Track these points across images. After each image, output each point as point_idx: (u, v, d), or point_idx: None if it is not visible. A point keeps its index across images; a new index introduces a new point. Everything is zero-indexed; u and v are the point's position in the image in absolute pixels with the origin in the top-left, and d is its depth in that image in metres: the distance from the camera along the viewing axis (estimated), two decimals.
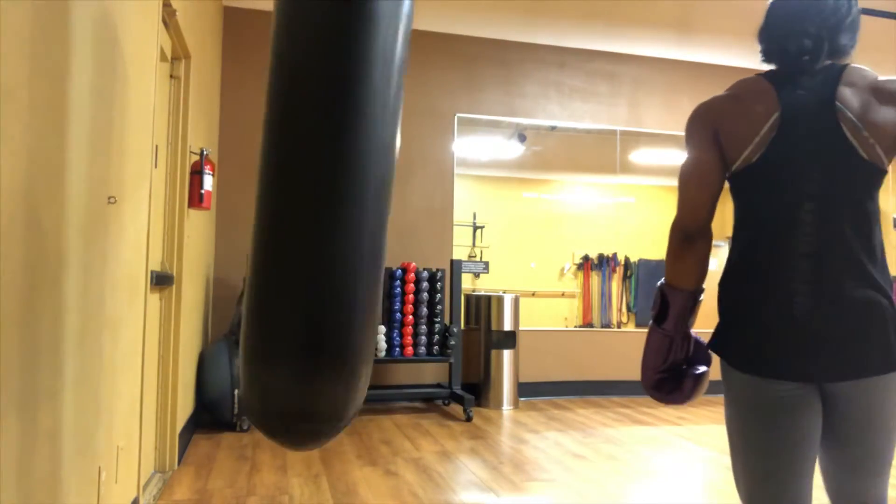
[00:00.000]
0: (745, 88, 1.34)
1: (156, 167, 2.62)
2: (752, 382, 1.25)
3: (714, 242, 1.40)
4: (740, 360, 1.27)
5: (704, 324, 1.46)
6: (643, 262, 7.78)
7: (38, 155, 1.32)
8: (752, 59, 6.83)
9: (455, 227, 5.53)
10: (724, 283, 1.34)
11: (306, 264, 1.27)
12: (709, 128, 1.32)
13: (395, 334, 4.68)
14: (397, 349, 4.67)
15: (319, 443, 1.35)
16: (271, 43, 1.35)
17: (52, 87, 1.38)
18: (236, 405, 3.99)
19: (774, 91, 1.29)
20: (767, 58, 1.37)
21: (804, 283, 1.20)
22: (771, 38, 1.35)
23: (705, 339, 1.39)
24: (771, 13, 1.38)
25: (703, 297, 1.37)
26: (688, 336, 1.37)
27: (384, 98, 1.32)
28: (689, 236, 1.32)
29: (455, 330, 4.75)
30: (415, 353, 4.71)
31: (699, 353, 1.37)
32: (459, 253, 5.73)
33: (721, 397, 4.77)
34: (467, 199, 6.67)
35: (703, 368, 1.36)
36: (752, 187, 1.29)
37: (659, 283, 1.37)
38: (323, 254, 1.27)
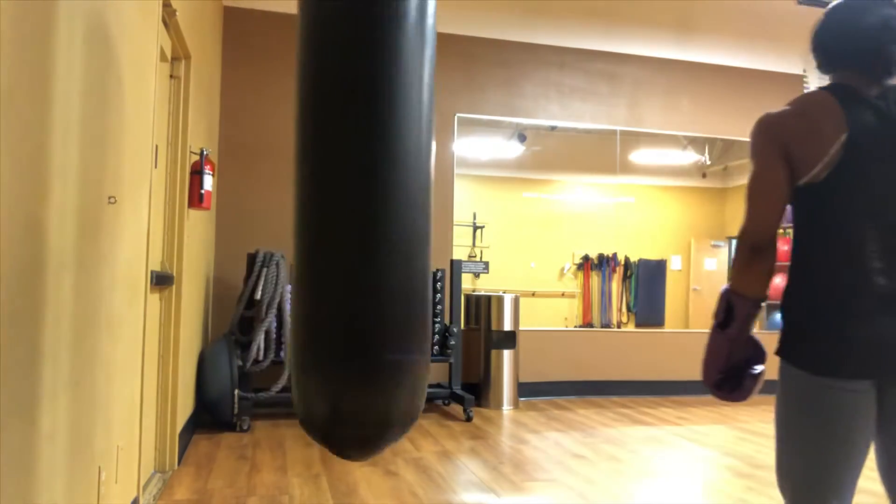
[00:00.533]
0: (810, 104, 1.35)
1: (156, 167, 2.62)
2: (824, 383, 1.29)
3: (713, 243, 1.43)
4: (815, 364, 1.30)
5: (703, 324, 1.50)
6: (643, 262, 7.78)
7: (38, 155, 1.32)
8: (752, 60, 6.85)
9: (455, 227, 5.53)
10: (793, 294, 1.38)
11: (346, 275, 1.30)
12: (778, 143, 1.33)
13: None
14: None
15: (368, 448, 1.36)
16: (299, 49, 1.36)
17: (52, 87, 1.38)
18: (236, 405, 3.99)
19: (841, 109, 1.29)
20: (832, 65, 1.39)
21: (878, 298, 1.27)
22: (845, 43, 1.35)
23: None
24: (840, 16, 1.37)
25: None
26: (750, 339, 1.44)
27: (418, 103, 1.34)
28: (757, 248, 1.37)
29: (455, 330, 4.75)
30: None
31: (758, 354, 1.44)
32: (459, 253, 5.73)
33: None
34: (467, 199, 6.67)
35: (760, 368, 1.43)
36: (819, 203, 1.34)
37: (723, 289, 1.42)
38: (363, 262, 1.29)
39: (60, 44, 1.42)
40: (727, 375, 1.42)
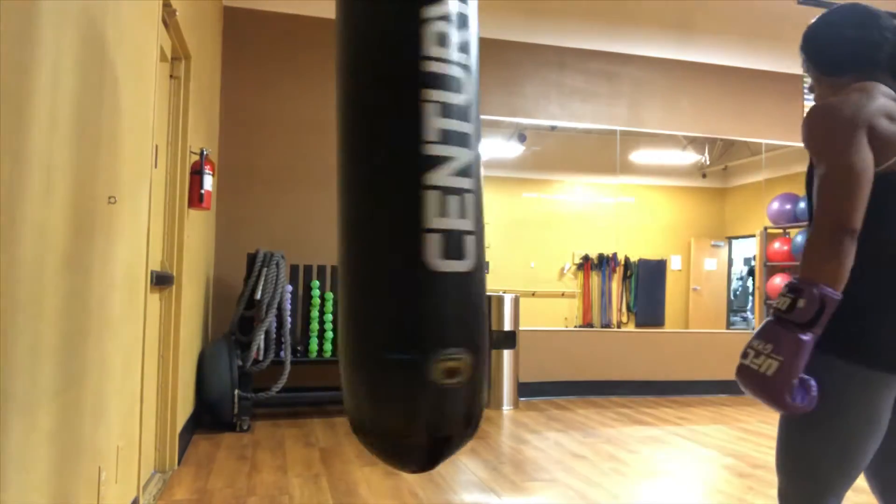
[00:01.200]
0: (877, 92, 1.33)
1: (156, 167, 2.62)
2: (873, 377, 1.28)
3: (713, 242, 1.39)
4: (876, 357, 1.28)
5: (703, 324, 1.45)
6: (643, 262, 7.78)
7: (38, 155, 1.32)
8: (752, 60, 6.84)
9: None
10: (858, 288, 1.28)
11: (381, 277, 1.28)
12: (863, 128, 1.27)
13: None
14: None
15: (415, 458, 1.30)
16: (338, 48, 1.35)
17: (52, 87, 1.38)
18: (236, 405, 3.99)
19: None
20: (843, 64, 1.40)
21: None
22: (855, 42, 1.38)
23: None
24: (842, 18, 1.40)
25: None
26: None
27: (469, 100, 1.32)
28: (855, 237, 1.25)
29: None
30: None
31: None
32: None
33: (721, 397, 4.72)
34: None
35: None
36: (893, 193, 1.30)
37: (814, 288, 1.24)
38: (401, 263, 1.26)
39: (60, 44, 1.42)
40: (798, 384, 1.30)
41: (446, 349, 1.23)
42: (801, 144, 1.35)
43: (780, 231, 7.68)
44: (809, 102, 6.93)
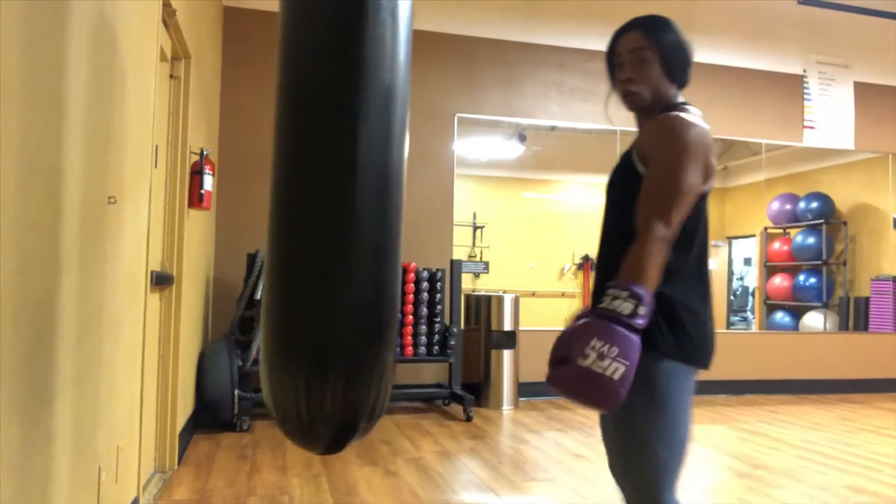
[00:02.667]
0: (700, 119, 1.44)
1: (156, 167, 2.62)
2: (689, 371, 1.41)
3: (713, 242, 1.44)
4: (692, 354, 1.40)
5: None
6: None
7: (38, 155, 1.32)
8: (752, 60, 6.85)
9: (455, 227, 5.53)
10: (674, 296, 1.41)
11: (314, 274, 1.31)
12: (706, 154, 1.38)
13: None
14: (397, 349, 4.67)
15: (337, 445, 1.37)
16: (278, 48, 1.40)
17: (52, 87, 1.39)
18: (236, 405, 3.99)
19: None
20: (684, 80, 1.54)
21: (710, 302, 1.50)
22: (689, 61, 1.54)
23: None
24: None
25: None
26: None
27: (391, 100, 1.35)
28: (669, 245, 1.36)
29: (455, 330, 4.75)
30: (415, 353, 4.71)
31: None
32: (459, 253, 5.73)
33: (721, 397, 4.73)
34: (467, 199, 6.67)
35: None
36: (702, 211, 1.43)
37: (647, 294, 1.27)
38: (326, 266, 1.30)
39: (59, 44, 1.42)
40: None
41: None
42: (801, 144, 1.39)
43: (780, 231, 7.68)
44: (809, 102, 6.94)
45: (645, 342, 1.29)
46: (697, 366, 1.41)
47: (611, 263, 1.40)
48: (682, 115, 1.40)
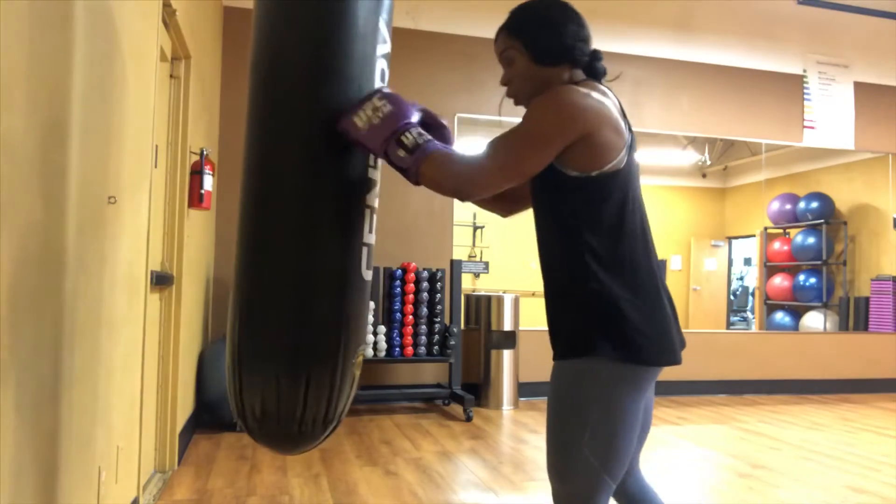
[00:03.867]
0: (605, 98, 1.39)
1: (156, 167, 2.62)
2: (632, 370, 1.32)
3: (713, 242, 1.42)
4: (634, 352, 1.32)
5: (703, 324, 1.47)
6: None
7: (38, 155, 1.32)
8: (752, 60, 6.84)
9: (455, 227, 5.53)
10: (616, 294, 1.35)
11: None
12: (582, 117, 1.32)
13: (395, 334, 4.68)
14: (397, 349, 4.67)
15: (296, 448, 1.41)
16: (251, 50, 1.48)
17: (52, 86, 1.38)
18: None
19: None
20: (561, 57, 1.42)
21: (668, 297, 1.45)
22: (573, 36, 1.43)
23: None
24: (559, 11, 1.43)
25: None
26: None
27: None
28: (484, 195, 1.36)
29: (455, 330, 4.75)
30: (415, 353, 4.71)
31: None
32: (459, 253, 5.73)
33: (721, 397, 4.72)
34: None
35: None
36: (621, 191, 1.39)
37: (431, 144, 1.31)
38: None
39: (59, 44, 1.42)
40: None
41: (361, 346, 1.42)
42: (801, 144, 1.38)
43: (780, 231, 7.68)
44: (809, 102, 6.93)
45: (576, 344, 1.31)
46: (645, 363, 1.31)
47: (546, 265, 1.46)
48: (552, 90, 1.33)
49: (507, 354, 5.12)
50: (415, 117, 1.36)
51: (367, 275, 1.44)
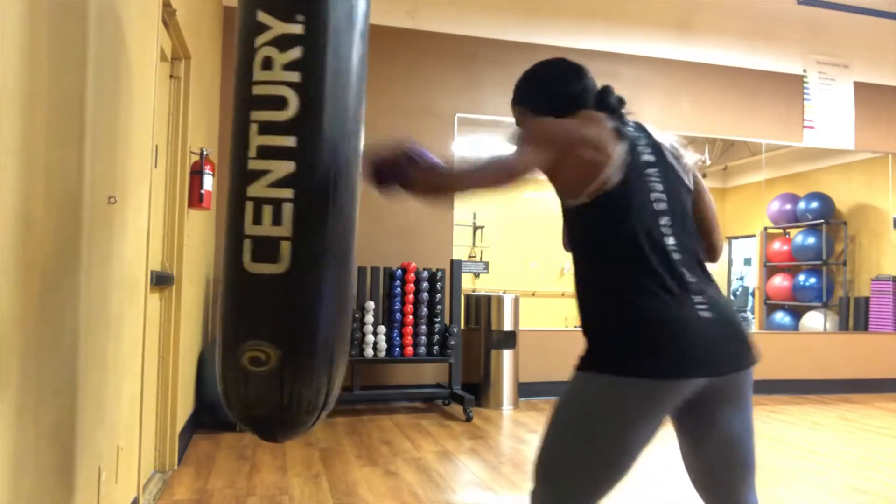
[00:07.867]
0: (598, 120, 1.51)
1: (156, 167, 2.62)
2: (635, 384, 1.31)
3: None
4: (635, 364, 1.33)
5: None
6: None
7: (38, 155, 1.32)
8: (752, 60, 6.83)
9: (455, 227, 5.53)
10: (620, 309, 1.43)
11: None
12: (561, 136, 1.48)
13: (395, 334, 4.68)
14: (397, 349, 4.67)
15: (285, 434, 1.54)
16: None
17: (52, 86, 1.38)
18: None
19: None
20: (561, 110, 1.56)
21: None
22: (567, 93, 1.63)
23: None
24: (548, 74, 1.70)
25: None
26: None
27: (343, 101, 1.52)
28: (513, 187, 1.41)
29: (455, 330, 4.75)
30: (415, 353, 4.71)
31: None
32: (459, 253, 5.73)
33: None
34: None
35: None
36: (616, 211, 1.44)
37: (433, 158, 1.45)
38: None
39: (59, 44, 1.42)
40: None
41: (250, 341, 1.45)
42: (801, 144, 1.39)
43: (780, 231, 7.68)
44: (809, 102, 6.93)
45: (584, 358, 1.39)
46: (650, 376, 1.25)
47: (579, 280, 1.48)
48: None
49: (507, 354, 5.12)
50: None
51: (254, 267, 1.46)
